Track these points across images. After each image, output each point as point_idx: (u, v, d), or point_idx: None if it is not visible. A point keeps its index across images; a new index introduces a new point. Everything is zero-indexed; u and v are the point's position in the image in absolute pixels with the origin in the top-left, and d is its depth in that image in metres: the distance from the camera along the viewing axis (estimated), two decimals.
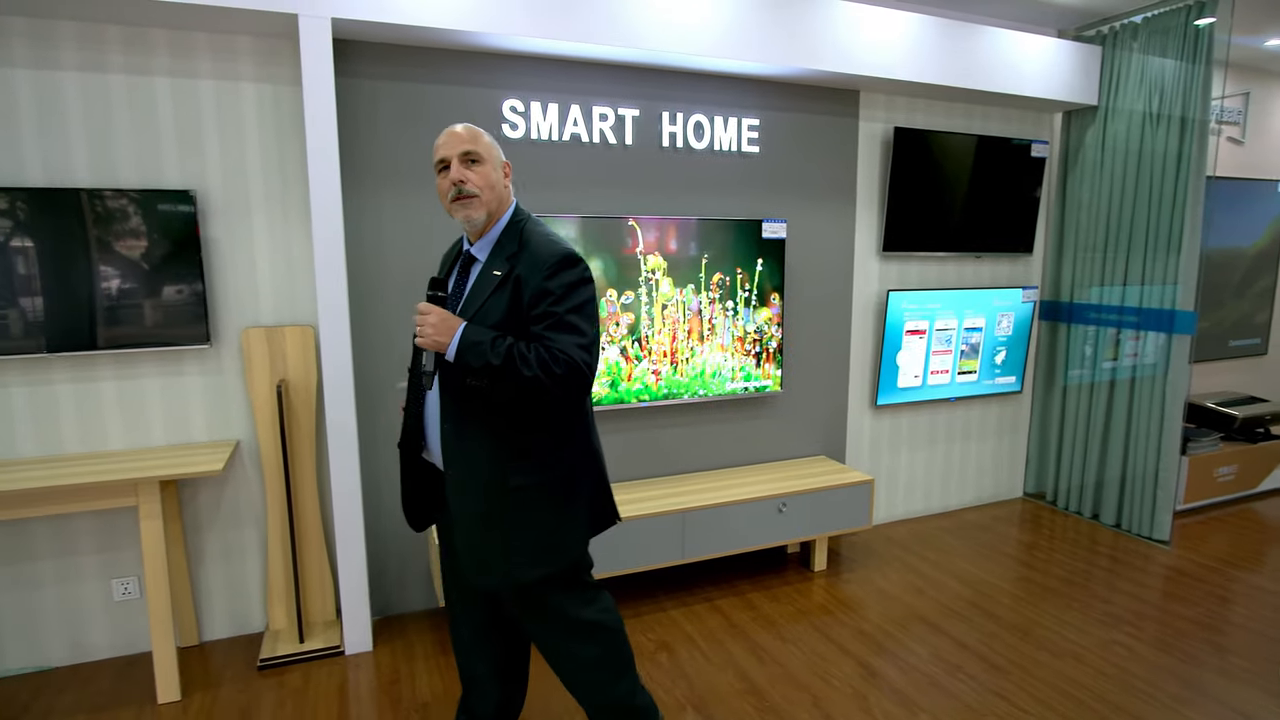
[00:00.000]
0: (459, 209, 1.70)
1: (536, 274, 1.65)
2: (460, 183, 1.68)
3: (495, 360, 1.58)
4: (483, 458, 1.69)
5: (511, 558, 1.71)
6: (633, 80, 3.07)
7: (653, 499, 3.09)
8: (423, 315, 1.63)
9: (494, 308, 1.67)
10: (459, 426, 1.70)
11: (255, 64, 2.63)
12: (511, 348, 1.60)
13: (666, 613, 3.05)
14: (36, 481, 2.31)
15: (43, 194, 2.40)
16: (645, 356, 3.15)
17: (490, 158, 1.74)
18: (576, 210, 3.06)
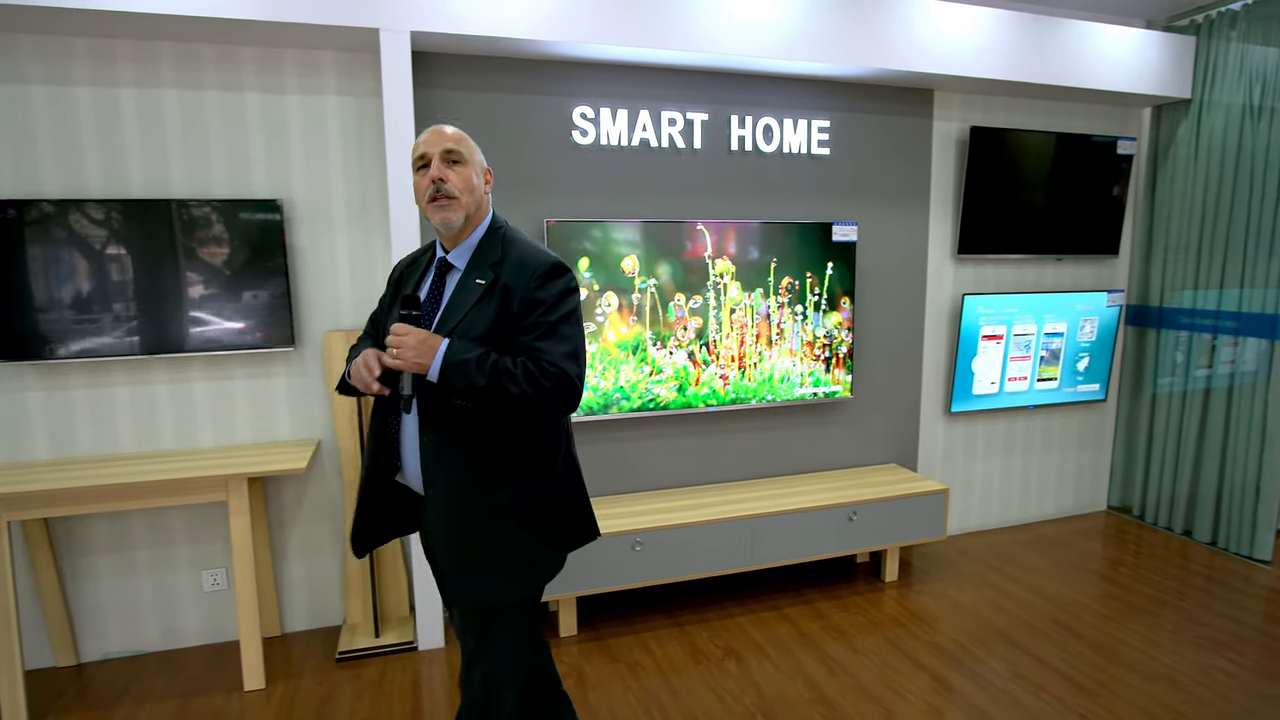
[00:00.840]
0: (435, 210, 1.60)
1: (525, 282, 1.57)
2: (440, 181, 1.58)
3: (481, 380, 1.49)
4: (465, 475, 1.60)
5: (495, 577, 1.62)
6: (701, 84, 3.07)
7: (720, 505, 3.07)
8: (399, 336, 1.52)
9: (478, 318, 1.57)
10: (440, 445, 1.59)
11: (338, 78, 2.73)
12: (497, 365, 1.50)
13: (734, 619, 3.02)
14: (135, 476, 2.44)
15: (141, 205, 2.55)
16: (713, 361, 3.13)
17: (472, 160, 1.65)
18: (644, 215, 3.07)
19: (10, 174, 2.51)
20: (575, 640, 2.88)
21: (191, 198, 2.63)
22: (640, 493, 3.23)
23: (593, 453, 3.15)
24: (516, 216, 2.93)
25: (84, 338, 2.56)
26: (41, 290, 2.51)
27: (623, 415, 3.06)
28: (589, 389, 2.99)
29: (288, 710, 2.48)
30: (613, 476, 3.21)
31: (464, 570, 1.63)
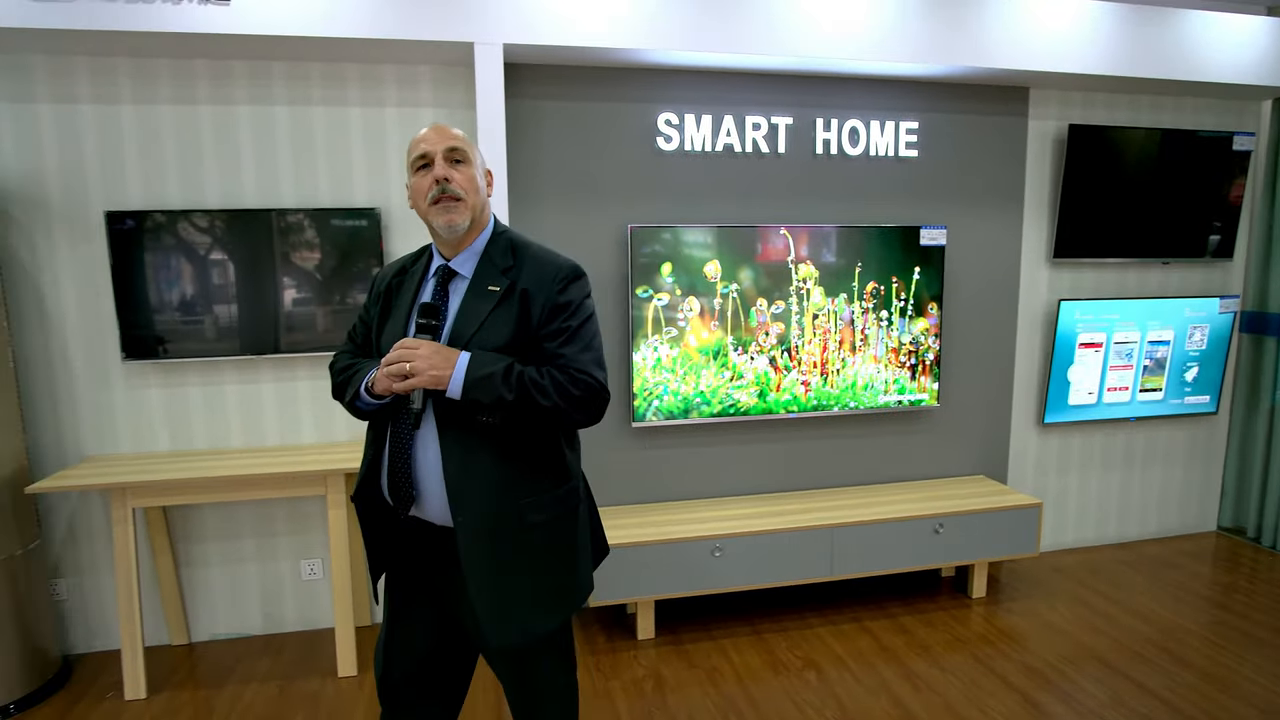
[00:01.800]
0: (440, 213, 1.46)
1: (546, 287, 1.48)
2: (445, 180, 1.46)
3: (509, 395, 1.38)
4: (495, 497, 1.46)
5: (537, 608, 1.51)
6: (786, 88, 3.05)
7: (800, 513, 3.03)
8: (409, 349, 1.39)
9: (497, 326, 1.46)
10: (466, 465, 1.45)
11: (433, 90, 2.84)
12: (523, 377, 1.40)
13: (813, 630, 2.97)
14: (245, 469, 2.60)
15: (249, 214, 2.73)
16: (794, 367, 3.10)
17: (475, 160, 1.53)
18: (727, 220, 3.07)
19: (140, 186, 2.72)
20: (653, 643, 2.90)
21: (298, 207, 2.79)
22: (719, 498, 3.22)
23: (672, 457, 3.17)
24: (599, 223, 2.98)
25: (192, 339, 2.75)
26: (159, 294, 2.71)
27: (703, 420, 3.06)
28: (669, 393, 3.01)
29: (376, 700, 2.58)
30: (692, 481, 3.21)
31: (507, 604, 1.48)
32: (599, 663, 2.77)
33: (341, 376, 1.59)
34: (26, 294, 2.71)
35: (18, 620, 2.55)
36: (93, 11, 2.35)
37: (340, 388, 1.58)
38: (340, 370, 1.61)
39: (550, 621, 1.53)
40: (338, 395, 1.60)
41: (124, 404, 2.82)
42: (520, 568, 1.49)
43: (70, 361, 2.76)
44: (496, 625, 1.47)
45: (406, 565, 1.62)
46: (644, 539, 2.79)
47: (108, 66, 2.65)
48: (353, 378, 1.54)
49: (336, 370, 1.62)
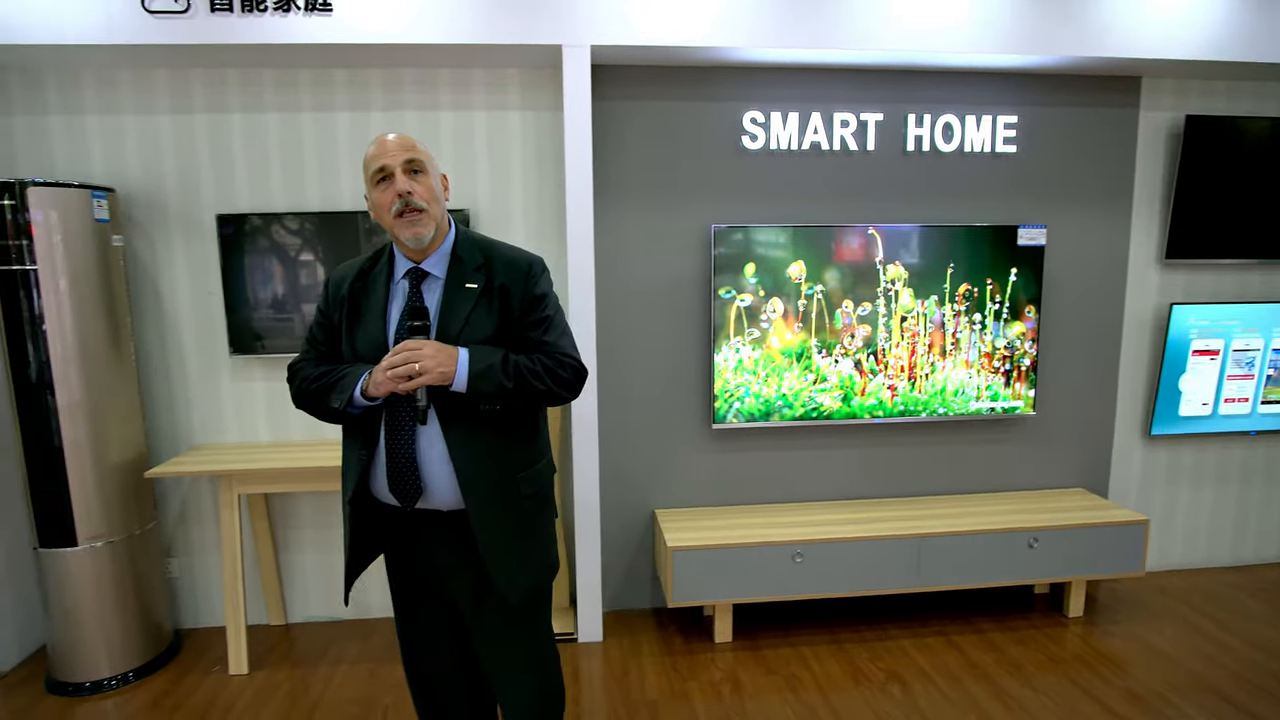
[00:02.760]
0: (405, 226, 1.50)
1: (521, 282, 1.59)
2: (408, 194, 1.49)
3: (509, 384, 1.50)
4: (498, 475, 1.58)
5: (534, 565, 1.66)
6: (876, 83, 2.96)
7: (885, 521, 2.94)
8: (414, 350, 1.45)
9: (480, 322, 1.55)
10: (471, 453, 1.54)
11: (521, 93, 2.89)
12: (518, 365, 1.52)
13: (896, 641, 2.89)
14: (335, 461, 2.71)
15: (336, 216, 2.84)
16: (881, 370, 3.01)
17: (431, 167, 1.56)
18: (813, 219, 3.00)
19: (247, 190, 2.87)
20: (730, 647, 2.87)
21: None
22: (800, 503, 3.17)
23: (752, 460, 3.13)
24: (681, 224, 2.97)
25: (283, 336, 2.89)
26: (256, 292, 2.86)
27: (784, 424, 3.01)
28: (751, 395, 2.97)
29: None
30: (772, 485, 3.17)
31: (515, 565, 1.61)
32: (676, 663, 2.76)
33: (317, 384, 1.60)
34: (146, 291, 2.90)
35: (138, 595, 2.74)
36: (209, 27, 2.49)
37: (318, 394, 1.59)
38: (315, 378, 1.61)
39: (546, 577, 1.70)
40: (311, 401, 1.62)
41: (230, 396, 2.98)
42: (522, 533, 1.63)
43: (184, 355, 2.95)
44: (511, 584, 1.60)
45: (405, 563, 1.72)
46: (723, 542, 2.77)
47: (219, 78, 2.81)
48: (337, 383, 1.56)
49: (309, 378, 1.62)
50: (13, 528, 2.86)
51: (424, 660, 1.80)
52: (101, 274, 2.61)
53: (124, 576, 2.70)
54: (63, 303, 2.52)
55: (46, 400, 2.53)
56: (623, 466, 3.09)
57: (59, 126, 2.79)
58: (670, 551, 2.74)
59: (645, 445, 3.09)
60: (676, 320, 3.03)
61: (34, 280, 2.48)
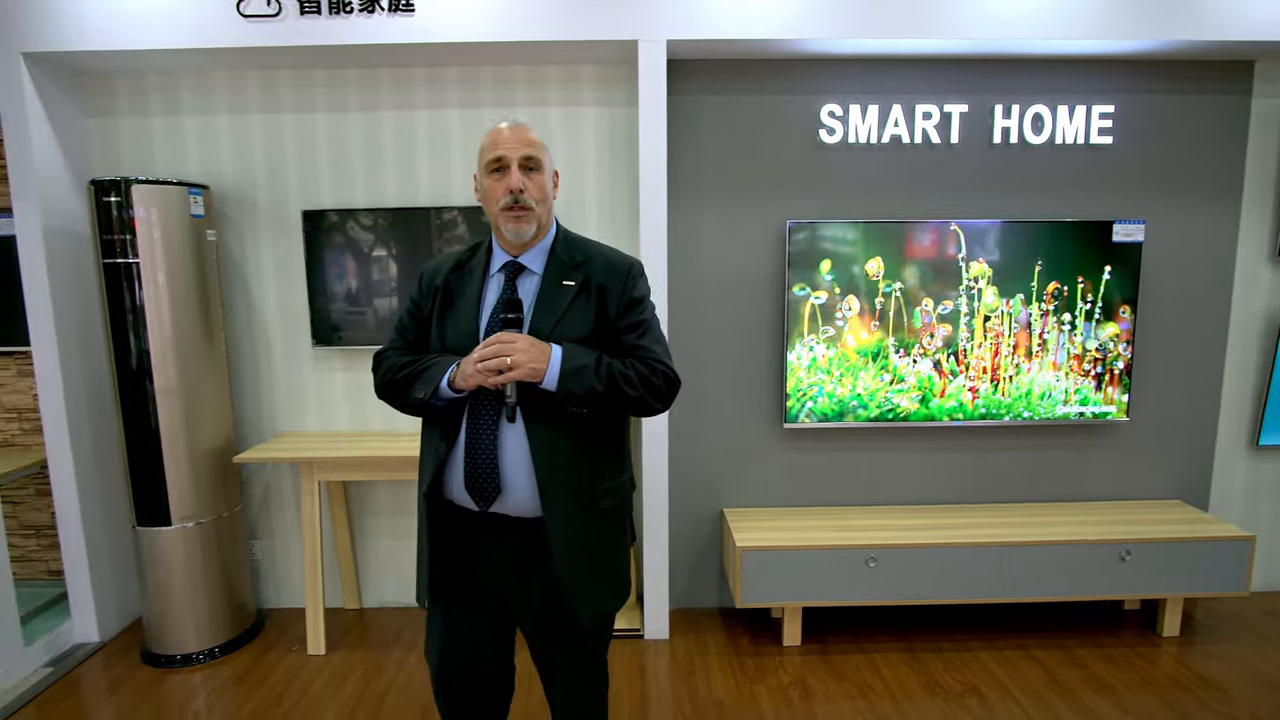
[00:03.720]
0: (510, 220, 1.49)
1: (620, 282, 1.54)
2: (520, 191, 1.47)
3: (600, 386, 1.43)
4: (579, 484, 1.52)
5: (607, 586, 1.59)
6: (961, 74, 2.85)
7: (963, 528, 2.83)
8: (507, 343, 1.41)
9: (575, 320, 1.50)
10: (553, 457, 1.49)
11: (595, 89, 2.90)
12: (611, 368, 1.46)
13: (973, 653, 2.78)
14: (411, 452, 2.77)
15: (408, 212, 2.90)
16: (962, 372, 2.90)
17: (546, 166, 1.54)
18: (892, 215, 2.91)
19: (330, 187, 2.96)
20: (799, 651, 2.82)
21: (469, 205, 2.93)
22: (874, 506, 3.08)
23: (824, 461, 3.06)
24: (755, 219, 2.92)
25: (356, 328, 2.96)
26: (333, 286, 2.95)
27: (858, 424, 2.93)
28: (824, 395, 2.90)
29: (532, 674, 2.67)
30: (844, 487, 3.09)
31: (588, 584, 1.54)
32: (743, 665, 2.73)
33: (403, 373, 1.57)
34: (236, 284, 3.03)
35: (224, 574, 2.87)
36: (299, 29, 2.57)
37: (403, 384, 1.56)
38: (400, 367, 1.58)
39: (619, 601, 1.62)
40: (394, 391, 1.58)
41: (312, 385, 3.09)
42: (597, 550, 1.56)
43: (270, 345, 3.07)
44: (579, 601, 1.52)
45: (465, 567, 1.62)
46: (793, 543, 2.72)
47: (305, 78, 2.90)
48: (423, 373, 1.53)
49: (394, 366, 1.59)
50: (115, 507, 3.03)
51: (459, 665, 1.66)
52: (196, 267, 2.73)
53: (212, 556, 2.82)
54: (161, 294, 2.65)
55: (145, 387, 2.67)
56: (691, 463, 3.07)
57: (159, 127, 2.94)
58: (739, 551, 2.71)
59: (715, 443, 3.06)
60: (748, 317, 2.99)
61: (136, 273, 2.61)
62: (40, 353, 2.77)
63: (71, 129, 2.86)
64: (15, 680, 2.65)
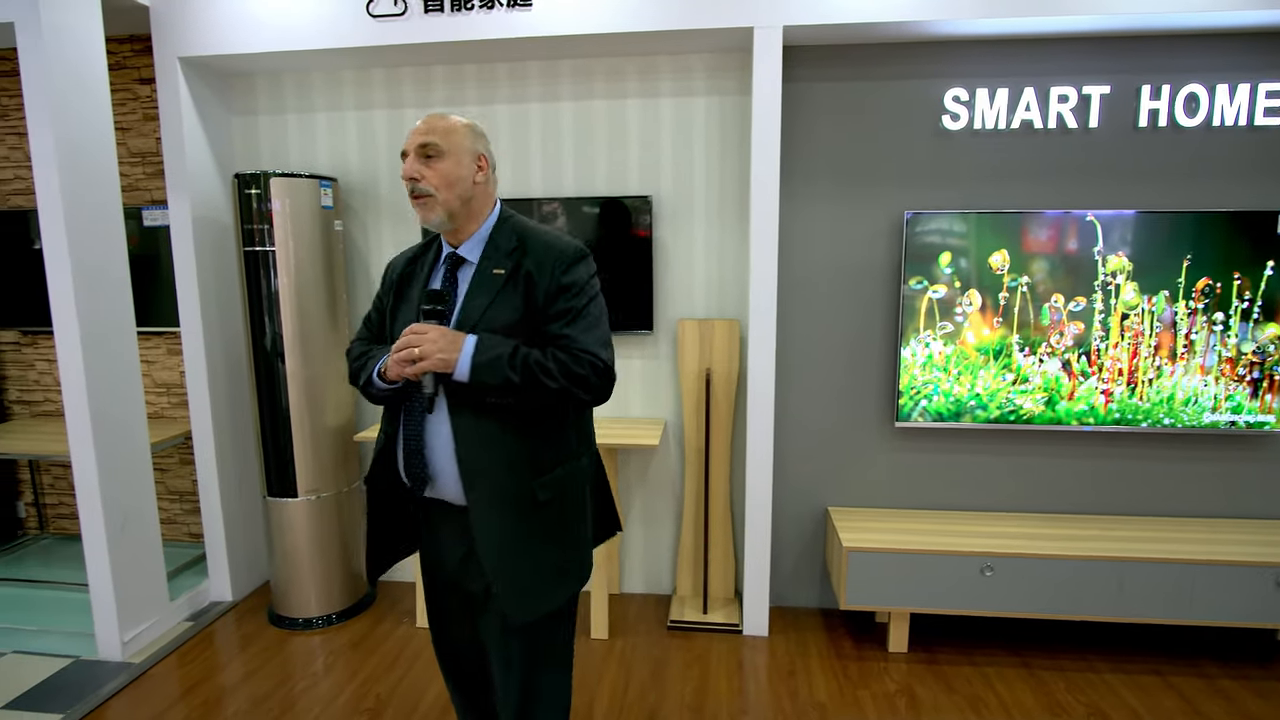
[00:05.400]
0: (417, 208, 1.51)
1: (550, 269, 1.48)
2: (413, 180, 1.48)
3: (515, 377, 1.41)
4: (505, 476, 1.49)
5: (547, 582, 1.54)
6: (1103, 52, 2.64)
7: (1091, 540, 2.64)
8: (417, 335, 1.42)
9: (502, 308, 1.48)
10: (477, 447, 1.49)
11: (706, 79, 2.87)
12: (528, 359, 1.42)
13: (1099, 674, 2.59)
14: None
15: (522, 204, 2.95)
16: (1094, 373, 2.70)
17: (454, 150, 1.49)
18: (1020, 205, 2.74)
19: None
20: (904, 658, 2.71)
21: (578, 195, 2.97)
22: (991, 512, 2.92)
23: (937, 462, 2.93)
24: (871, 210, 2.82)
25: None
26: None
27: (976, 425, 2.78)
28: (940, 393, 2.78)
29: (627, 664, 2.70)
30: (959, 490, 2.95)
31: (518, 576, 1.51)
32: (846, 668, 2.65)
33: (356, 363, 1.63)
34: (359, 272, 3.19)
35: (342, 546, 3.03)
36: (423, 26, 2.67)
37: (354, 374, 1.63)
38: (355, 357, 1.65)
39: (558, 598, 1.57)
40: (353, 381, 1.64)
41: None
42: (532, 545, 1.53)
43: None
44: (511, 600, 1.51)
45: (431, 553, 1.69)
46: (903, 546, 2.61)
47: (426, 75, 3.01)
48: (366, 364, 1.58)
49: (352, 357, 1.66)
50: (248, 477, 3.27)
51: (447, 640, 1.77)
52: (325, 256, 2.89)
53: (332, 528, 2.99)
54: (293, 281, 2.82)
55: (278, 367, 2.85)
56: (796, 459, 3.00)
57: (294, 123, 3.12)
58: (845, 552, 2.63)
59: (821, 439, 2.98)
60: (861, 311, 2.89)
61: (272, 261, 2.79)
62: (188, 333, 3.01)
63: (218, 127, 3.08)
64: (162, 631, 2.90)
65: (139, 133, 3.35)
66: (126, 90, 3.31)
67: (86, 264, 2.56)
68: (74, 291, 2.51)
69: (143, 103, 3.32)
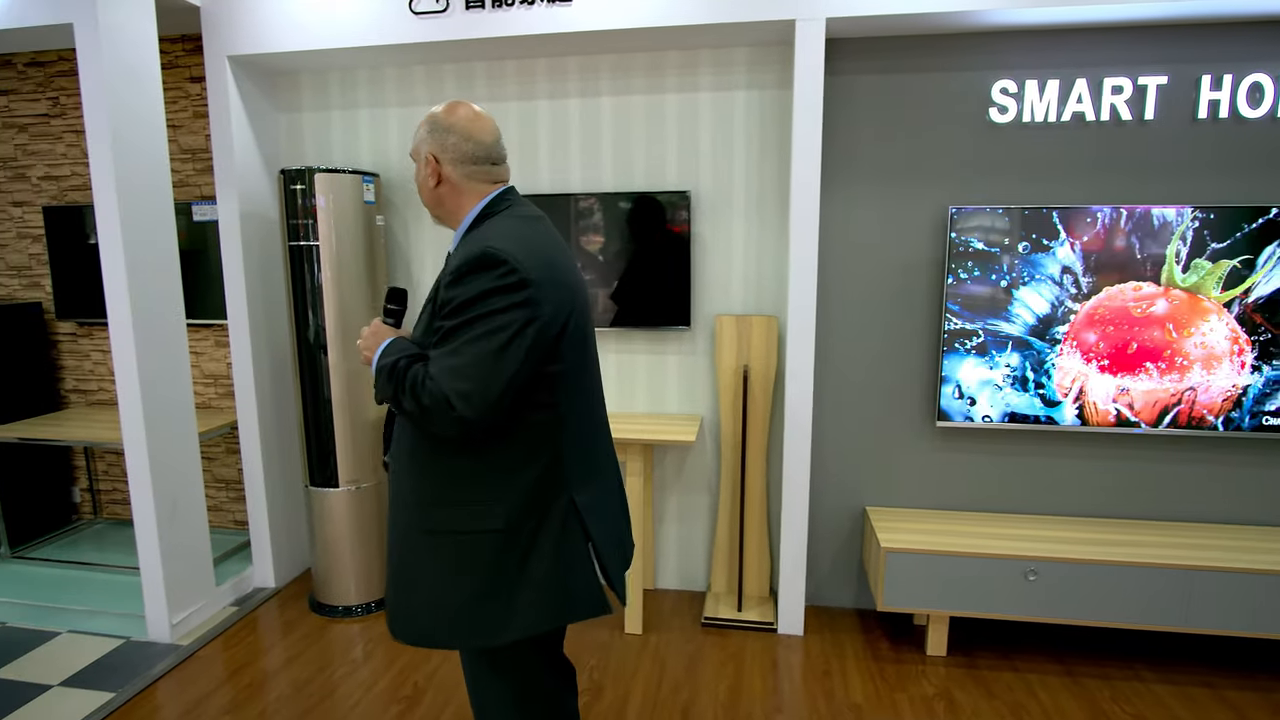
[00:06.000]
0: None
1: (446, 277, 1.32)
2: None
3: (389, 390, 1.34)
4: (410, 488, 1.41)
5: (435, 611, 1.39)
6: (1161, 40, 2.55)
7: (1147, 545, 2.56)
8: (364, 332, 1.46)
9: (421, 319, 1.41)
10: (400, 451, 1.44)
11: (747, 73, 2.84)
12: (406, 373, 1.32)
13: (1147, 685, 2.52)
14: None
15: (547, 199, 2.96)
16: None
17: (416, 155, 1.49)
18: (1071, 199, 2.67)
19: None
20: (943, 662, 2.67)
21: (616, 191, 2.97)
22: (1035, 515, 2.86)
23: (980, 463, 2.87)
24: (913, 206, 2.77)
25: None
26: None
27: (1023, 426, 2.72)
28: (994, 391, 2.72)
29: (661, 659, 2.70)
30: (1003, 492, 2.88)
31: (407, 597, 1.42)
32: (882, 670, 2.62)
33: None
34: (399, 267, 3.23)
35: (381, 537, 3.08)
36: (465, 23, 2.69)
37: None
38: None
39: (451, 639, 1.40)
40: None
41: None
42: (424, 568, 1.40)
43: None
44: (393, 612, 1.44)
45: None
46: (943, 548, 2.57)
47: (467, 71, 3.04)
48: None
49: None
50: (291, 467, 3.34)
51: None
52: (367, 251, 2.94)
53: (372, 518, 3.04)
54: (336, 275, 2.87)
55: (321, 360, 2.90)
56: (834, 458, 2.97)
57: (337, 120, 3.18)
58: (883, 552, 2.59)
59: (860, 437, 2.94)
60: (902, 308, 2.84)
61: (316, 255, 2.84)
62: (235, 326, 3.09)
63: (265, 123, 3.15)
64: (209, 615, 2.99)
65: (189, 130, 3.43)
66: (178, 88, 3.40)
67: (140, 258, 2.63)
68: (128, 284, 2.59)
69: (193, 100, 3.40)
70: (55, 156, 3.60)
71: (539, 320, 1.31)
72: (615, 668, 2.65)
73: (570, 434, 1.41)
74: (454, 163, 1.44)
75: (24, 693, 2.48)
